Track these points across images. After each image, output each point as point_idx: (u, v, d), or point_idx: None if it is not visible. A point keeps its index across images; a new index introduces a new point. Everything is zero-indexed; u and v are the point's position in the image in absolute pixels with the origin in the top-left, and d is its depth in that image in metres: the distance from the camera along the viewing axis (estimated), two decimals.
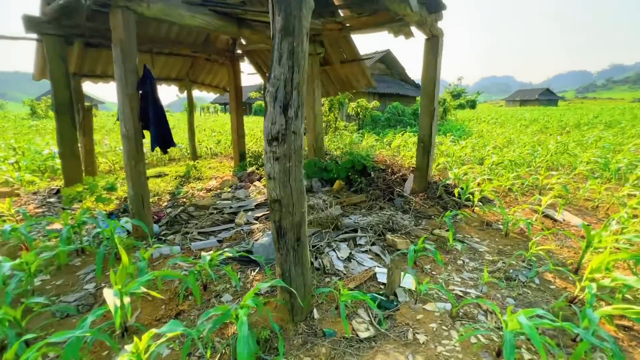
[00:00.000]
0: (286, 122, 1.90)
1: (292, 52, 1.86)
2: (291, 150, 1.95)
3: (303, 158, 2.04)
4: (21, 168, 6.40)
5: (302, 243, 2.16)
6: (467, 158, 7.23)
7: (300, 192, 2.06)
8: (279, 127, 1.90)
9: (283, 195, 2.00)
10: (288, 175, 1.98)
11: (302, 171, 2.05)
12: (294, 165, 1.98)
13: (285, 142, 1.92)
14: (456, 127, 14.28)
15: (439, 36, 4.48)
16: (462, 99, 45.91)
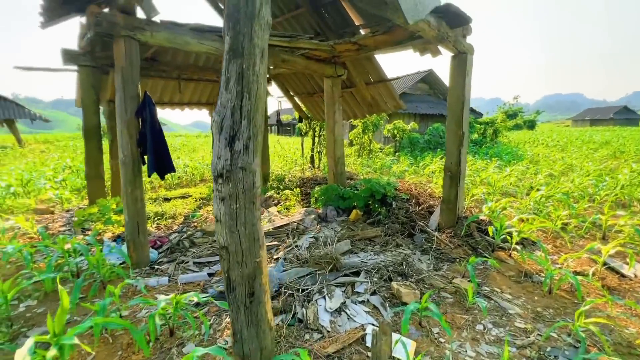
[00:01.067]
0: (232, 157, 1.60)
1: (241, 75, 1.59)
2: (238, 190, 1.63)
3: (256, 197, 1.71)
4: (67, 186, 6.97)
5: (257, 299, 1.79)
6: (512, 189, 6.29)
7: (253, 238, 1.72)
8: (224, 162, 1.61)
9: (230, 242, 1.68)
10: (235, 219, 1.66)
11: (255, 214, 1.72)
12: (242, 207, 1.66)
13: (231, 180, 1.62)
14: (506, 150, 12.93)
15: (468, 53, 3.96)
16: (518, 119, 42.41)
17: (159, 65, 5.53)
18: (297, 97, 7.82)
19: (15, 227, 4.41)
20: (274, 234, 4.42)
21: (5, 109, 18.50)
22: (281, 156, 12.11)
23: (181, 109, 7.22)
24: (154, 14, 3.37)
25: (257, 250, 1.74)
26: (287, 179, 7.59)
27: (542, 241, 4.10)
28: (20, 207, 5.70)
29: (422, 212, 4.90)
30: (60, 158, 11.93)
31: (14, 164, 11.63)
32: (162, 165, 3.52)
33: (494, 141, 16.35)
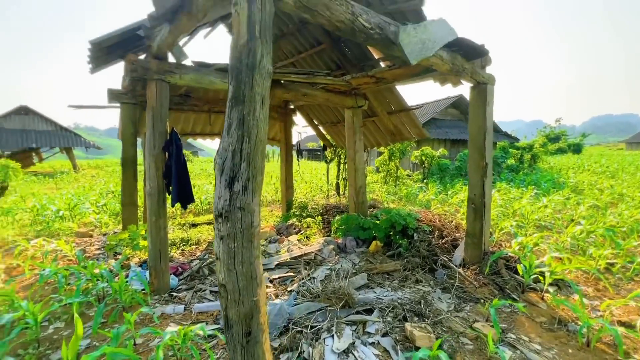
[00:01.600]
0: (231, 197, 1.67)
1: (242, 121, 1.69)
2: (236, 229, 1.68)
3: (254, 236, 1.75)
4: (107, 210, 7.53)
5: (254, 339, 1.78)
6: (548, 221, 5.82)
7: (250, 277, 1.75)
8: (223, 202, 1.68)
9: (227, 280, 1.72)
10: (233, 258, 1.70)
11: (253, 253, 1.75)
12: (240, 246, 1.70)
13: (230, 220, 1.67)
14: (546, 177, 12.11)
15: (488, 83, 3.89)
16: (562, 142, 39.83)
17: (192, 100, 5.97)
18: (321, 126, 8.01)
19: (57, 249, 4.80)
20: (290, 264, 4.41)
21: (65, 138, 20.72)
22: (307, 182, 12.26)
23: (211, 138, 7.66)
24: (183, 58, 3.71)
25: (254, 289, 1.76)
26: (310, 206, 7.63)
27: (582, 283, 3.71)
28: (65, 230, 6.22)
29: (445, 246, 4.67)
30: (106, 183, 12.99)
31: (67, 187, 12.84)
32: (185, 196, 3.71)
33: (532, 167, 15.41)
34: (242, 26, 1.68)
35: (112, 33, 3.14)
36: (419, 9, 3.52)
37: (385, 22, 2.43)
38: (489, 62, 3.91)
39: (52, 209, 6.89)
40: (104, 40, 3.15)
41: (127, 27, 3.11)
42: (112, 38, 3.17)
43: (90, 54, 3.36)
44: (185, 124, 6.95)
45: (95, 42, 3.13)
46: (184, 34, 3.02)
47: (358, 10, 2.23)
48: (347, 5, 2.15)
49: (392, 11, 3.70)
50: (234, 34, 1.74)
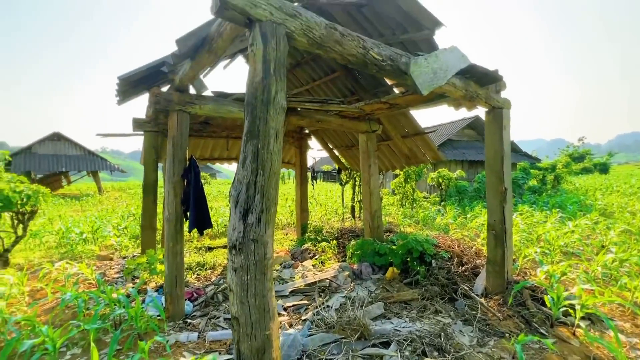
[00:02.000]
0: (244, 229, 1.69)
1: (256, 154, 1.74)
2: (249, 262, 1.69)
3: (267, 268, 1.75)
4: (127, 233, 7.73)
5: None
6: (576, 248, 5.52)
7: (263, 310, 1.73)
8: (237, 234, 1.70)
9: (240, 313, 1.71)
10: (246, 290, 1.70)
11: (266, 285, 1.74)
12: (253, 278, 1.70)
13: (243, 252, 1.69)
14: (572, 199, 11.60)
15: (503, 107, 3.86)
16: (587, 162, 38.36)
17: (210, 127, 6.20)
18: (336, 150, 8.08)
19: (78, 273, 4.93)
20: (305, 292, 4.34)
21: (92, 162, 21.79)
22: (322, 204, 12.24)
23: (229, 163, 7.86)
24: (203, 90, 3.89)
25: (267, 322, 1.74)
26: (325, 230, 7.58)
27: (618, 318, 3.45)
28: (87, 252, 6.41)
29: (465, 274, 4.49)
30: (127, 205, 13.42)
31: (92, 210, 13.35)
32: (202, 222, 3.78)
33: (556, 188, 14.83)
34: (258, 64, 1.77)
35: (138, 69, 3.36)
36: (430, 38, 3.60)
37: (396, 53, 2.49)
38: (504, 87, 3.89)
39: (77, 232, 7.14)
40: (130, 76, 3.36)
41: (151, 64, 3.32)
42: (137, 74, 3.38)
43: (118, 88, 3.58)
44: (204, 150, 7.19)
45: (123, 78, 3.35)
46: (203, 69, 3.19)
47: (369, 44, 2.30)
48: (358, 40, 2.23)
49: (404, 40, 3.80)
50: (250, 72, 1.83)
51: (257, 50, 1.77)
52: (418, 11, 3.13)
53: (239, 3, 1.67)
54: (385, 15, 3.65)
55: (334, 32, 2.06)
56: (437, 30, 3.48)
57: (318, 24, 1.98)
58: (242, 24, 1.84)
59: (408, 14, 3.38)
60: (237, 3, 1.66)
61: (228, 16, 1.74)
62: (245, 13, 1.71)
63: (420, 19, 3.39)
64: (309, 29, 1.95)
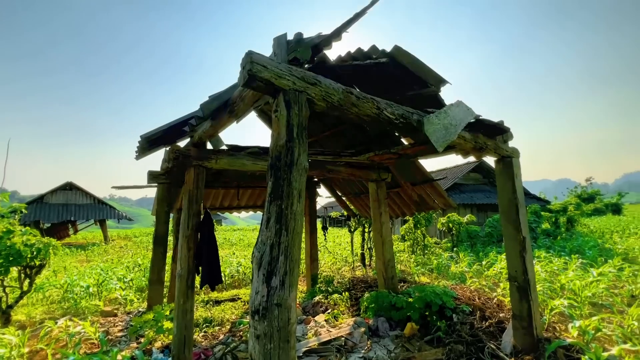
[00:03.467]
0: (268, 293, 1.65)
1: (280, 215, 1.75)
2: (273, 328, 1.62)
3: (291, 335, 1.67)
4: (133, 286, 7.53)
5: None
6: (604, 298, 5.21)
7: None
8: (260, 298, 1.66)
9: None
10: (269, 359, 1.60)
11: (289, 355, 1.65)
12: (276, 347, 1.61)
13: (266, 318, 1.63)
14: (589, 243, 11.21)
15: (512, 156, 3.92)
16: (597, 202, 37.74)
17: (222, 178, 6.34)
18: (345, 198, 8.11)
19: (81, 332, 4.72)
20: (319, 352, 4.06)
21: (100, 211, 22.01)
22: (332, 252, 11.97)
23: (238, 212, 7.89)
24: (220, 145, 4.06)
25: None
26: (336, 280, 7.31)
27: None
28: (91, 308, 6.19)
29: (490, 329, 4.21)
30: (133, 255, 13.24)
31: (97, 260, 13.17)
32: (213, 278, 3.70)
33: (571, 232, 14.43)
34: (282, 129, 1.86)
35: (160, 128, 3.55)
36: (436, 94, 3.79)
37: (408, 112, 2.62)
38: (511, 138, 4.00)
39: (82, 285, 6.98)
40: (152, 134, 3.55)
41: (173, 123, 3.52)
42: (159, 132, 3.57)
43: (139, 145, 3.75)
44: (215, 199, 7.27)
45: (145, 137, 3.53)
46: (222, 128, 3.35)
47: (383, 105, 2.43)
48: (372, 102, 2.36)
49: (411, 96, 4.00)
50: (273, 135, 1.92)
51: (281, 116, 1.88)
52: (424, 72, 3.34)
53: (265, 75, 1.82)
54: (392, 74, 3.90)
55: (350, 96, 2.20)
56: (442, 87, 3.68)
57: (336, 90, 2.12)
58: (266, 92, 1.97)
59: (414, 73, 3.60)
60: (264, 76, 1.80)
61: (255, 87, 1.88)
62: (271, 84, 1.84)
63: (426, 78, 3.60)
64: (328, 95, 2.08)
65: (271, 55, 2.19)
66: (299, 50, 2.02)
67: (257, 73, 1.78)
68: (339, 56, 3.25)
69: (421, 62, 3.25)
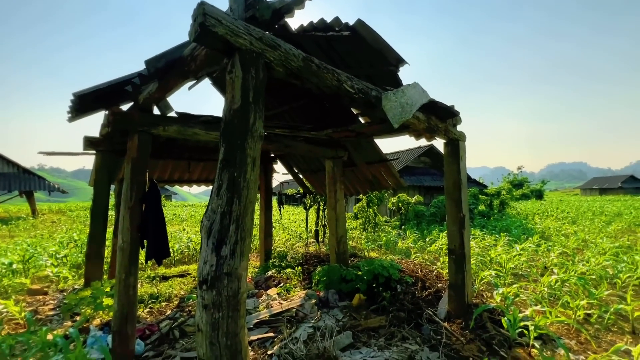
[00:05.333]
0: (217, 262, 1.59)
1: (232, 183, 1.68)
2: (222, 297, 1.58)
3: (241, 304, 1.65)
4: (67, 262, 6.89)
5: None
6: (523, 269, 5.97)
7: (235, 350, 1.61)
8: (209, 267, 1.60)
9: (210, 356, 1.57)
10: (217, 330, 1.57)
11: (238, 323, 1.63)
12: (225, 316, 1.59)
13: (215, 287, 1.58)
14: (516, 223, 12.66)
15: (459, 139, 4.18)
16: (525, 189, 42.51)
17: (172, 149, 5.92)
18: (301, 174, 8.10)
19: (3, 311, 4.24)
20: (271, 323, 4.13)
21: (26, 181, 19.49)
22: (286, 229, 12.04)
23: (189, 186, 7.50)
24: (168, 111, 3.75)
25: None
26: (289, 256, 7.41)
27: (564, 336, 3.72)
28: (16, 286, 5.57)
29: (429, 298, 4.61)
30: (68, 230, 12.07)
31: (23, 235, 11.77)
32: (160, 251, 3.50)
33: (502, 213, 16.14)
34: (236, 92, 1.75)
35: (98, 86, 3.14)
36: (395, 74, 3.85)
37: (367, 87, 2.63)
38: (459, 122, 4.25)
39: (3, 262, 6.21)
40: (88, 93, 3.13)
41: (114, 81, 3.13)
42: (97, 91, 3.16)
43: (72, 105, 3.31)
44: (163, 171, 6.80)
45: (79, 95, 3.11)
46: (171, 91, 3.08)
47: (343, 77, 2.40)
48: (333, 73, 2.32)
49: (370, 74, 4.02)
50: (227, 99, 1.80)
51: (236, 78, 1.76)
52: (385, 49, 3.34)
53: (219, 31, 1.67)
54: (353, 50, 3.86)
55: (311, 64, 2.13)
56: (401, 67, 3.74)
57: (296, 56, 2.04)
58: (220, 51, 1.83)
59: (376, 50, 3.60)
60: (218, 31, 1.65)
61: (208, 43, 1.72)
62: (226, 42, 1.70)
63: (387, 56, 3.62)
64: (287, 61, 1.99)
65: (227, 10, 2.01)
66: (259, 8, 1.88)
67: (211, 27, 1.62)
68: (301, 25, 3.12)
69: (383, 40, 3.24)
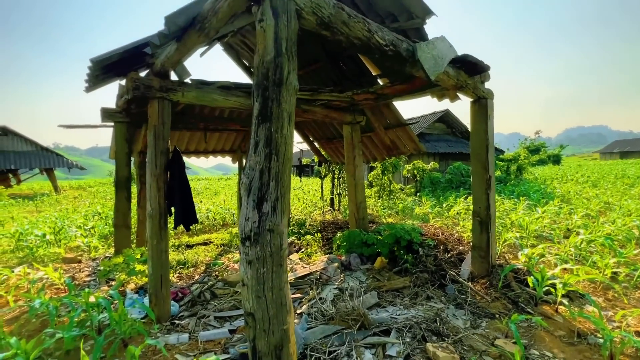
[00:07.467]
0: (260, 219, 1.58)
1: (269, 139, 1.62)
2: (266, 253, 1.59)
3: (284, 260, 1.65)
4: (95, 234, 7.17)
5: None
6: (546, 232, 5.90)
7: (281, 304, 1.64)
8: (252, 224, 1.59)
9: (256, 308, 1.60)
10: (262, 284, 1.59)
11: (282, 278, 1.65)
12: (269, 270, 1.60)
13: (259, 243, 1.58)
14: (534, 188, 12.42)
15: (487, 98, 3.98)
16: (542, 154, 41.31)
17: (187, 118, 5.87)
18: (317, 143, 8.00)
19: (44, 278, 4.49)
20: (296, 285, 4.26)
21: (46, 159, 20.00)
22: (301, 199, 12.15)
23: (206, 157, 7.53)
24: (185, 76, 3.64)
25: (284, 316, 1.65)
26: (307, 224, 7.51)
27: (591, 293, 3.72)
28: (51, 256, 5.87)
29: (451, 260, 4.63)
30: (90, 204, 12.49)
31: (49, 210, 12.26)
32: (188, 218, 3.57)
33: (519, 178, 15.82)
34: (269, 42, 1.64)
35: (115, 51, 3.05)
36: (420, 27, 3.61)
37: (398, 39, 2.46)
38: (488, 78, 4.01)
39: (37, 234, 6.50)
40: (105, 58, 3.04)
41: (131, 45, 3.03)
42: (114, 56, 3.07)
43: (90, 73, 3.24)
44: (179, 143, 6.81)
45: (97, 61, 3.03)
46: (189, 53, 2.97)
47: (374, 27, 2.24)
48: (364, 23, 2.16)
49: (394, 30, 3.78)
50: (259, 50, 1.70)
51: (267, 27, 1.65)
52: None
53: None
54: (376, 2, 3.61)
55: (342, 12, 1.98)
56: (427, 19, 3.49)
57: (327, 3, 1.89)
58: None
59: (400, 1, 3.35)
60: None
61: None
62: None
63: (412, 7, 3.38)
64: (318, 8, 1.84)
65: None
66: None
67: None
68: None
69: None
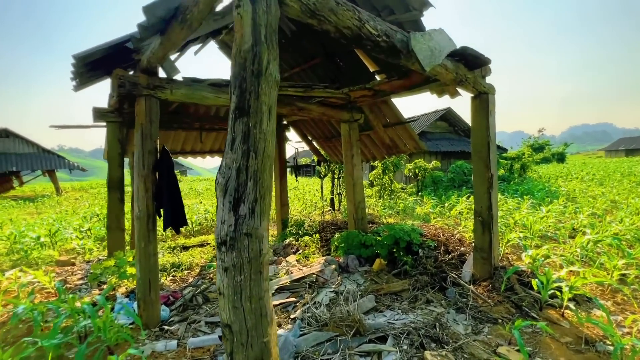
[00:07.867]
0: (236, 222, 1.45)
1: (247, 135, 1.49)
2: (243, 259, 1.45)
3: (264, 266, 1.52)
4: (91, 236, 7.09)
5: None
6: (551, 231, 5.72)
7: (260, 314, 1.50)
8: (227, 228, 1.46)
9: (234, 320, 1.47)
10: (240, 293, 1.46)
11: (262, 286, 1.51)
12: (247, 278, 1.46)
13: (235, 248, 1.44)
14: (538, 186, 12.20)
15: (489, 93, 3.82)
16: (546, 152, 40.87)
17: (182, 118, 5.76)
18: (315, 142, 7.87)
19: (34, 281, 4.39)
20: (291, 288, 4.12)
21: (48, 161, 20.04)
22: (301, 199, 12.02)
23: (202, 157, 7.42)
24: (174, 73, 3.52)
25: (264, 328, 1.51)
26: (306, 224, 7.37)
27: (599, 297, 3.55)
28: (45, 258, 5.78)
29: (452, 261, 4.47)
30: (90, 206, 12.44)
31: (49, 212, 12.23)
32: (177, 219, 3.44)
33: (523, 177, 15.58)
34: (246, 29, 1.51)
35: (98, 47, 2.94)
36: (417, 19, 3.46)
37: (392, 29, 2.32)
38: (489, 72, 3.86)
39: (32, 236, 6.43)
40: (89, 54, 2.94)
41: (114, 41, 2.92)
42: (97, 52, 2.96)
43: (74, 70, 3.13)
44: (174, 143, 6.71)
45: (80, 57, 2.92)
46: (175, 47, 2.84)
47: (365, 16, 2.10)
48: (353, 11, 2.02)
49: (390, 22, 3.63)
50: (236, 39, 1.57)
51: (244, 12, 1.51)
52: None
53: None
54: None
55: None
56: (424, 10, 3.35)
57: None
58: None
59: None
60: None
61: None
62: None
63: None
64: None
65: None
66: None
67: None
68: None
69: None
